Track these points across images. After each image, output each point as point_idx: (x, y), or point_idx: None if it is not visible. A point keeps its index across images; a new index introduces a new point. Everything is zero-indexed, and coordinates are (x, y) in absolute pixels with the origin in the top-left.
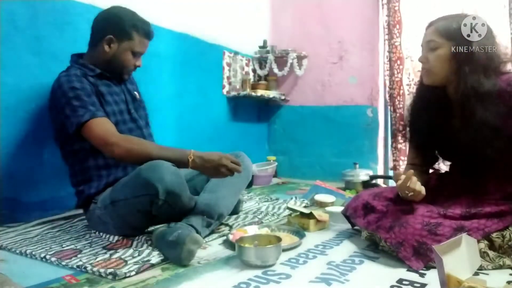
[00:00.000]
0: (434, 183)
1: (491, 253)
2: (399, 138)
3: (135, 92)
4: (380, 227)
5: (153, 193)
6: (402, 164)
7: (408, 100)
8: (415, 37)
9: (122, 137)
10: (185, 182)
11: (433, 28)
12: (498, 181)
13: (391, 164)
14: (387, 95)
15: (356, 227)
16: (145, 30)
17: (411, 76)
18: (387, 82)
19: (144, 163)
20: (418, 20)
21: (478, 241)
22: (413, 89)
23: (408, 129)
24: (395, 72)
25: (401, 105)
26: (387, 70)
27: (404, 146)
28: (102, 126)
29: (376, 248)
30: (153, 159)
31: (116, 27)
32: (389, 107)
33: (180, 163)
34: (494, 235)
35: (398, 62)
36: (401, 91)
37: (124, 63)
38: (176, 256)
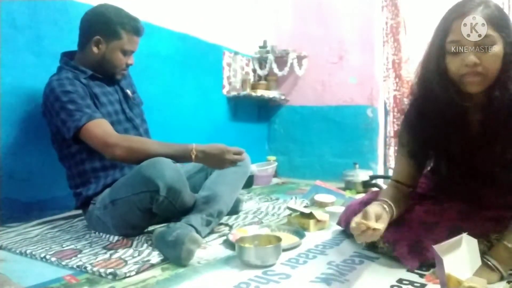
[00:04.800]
0: (427, 188)
1: None
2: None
3: (127, 90)
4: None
5: (154, 189)
6: None
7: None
8: (419, 38)
9: (122, 137)
10: (185, 179)
11: (481, 18)
12: (499, 190)
13: (393, 164)
14: (390, 97)
15: None
16: (134, 27)
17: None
18: (390, 84)
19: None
20: (421, 20)
21: (478, 243)
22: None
23: (400, 137)
24: (402, 74)
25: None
26: (393, 72)
27: None
28: (100, 128)
29: (376, 248)
30: (153, 156)
31: (102, 27)
32: (392, 109)
33: (183, 158)
34: (493, 237)
35: (409, 61)
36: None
37: (114, 63)
38: (176, 256)
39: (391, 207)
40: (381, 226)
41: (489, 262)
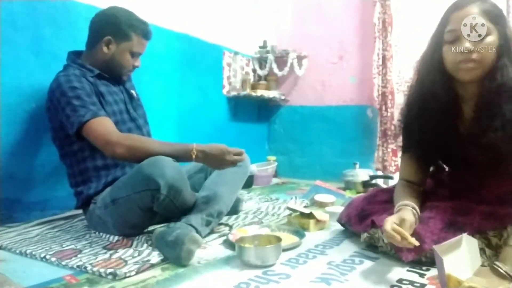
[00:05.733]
0: (429, 186)
1: (488, 251)
2: (391, 138)
3: (132, 91)
4: (381, 218)
5: (155, 188)
6: (393, 164)
7: (399, 99)
8: (407, 34)
9: (123, 136)
10: (186, 177)
11: (477, 10)
12: (495, 180)
13: (379, 165)
14: (380, 95)
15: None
16: (143, 31)
17: (401, 73)
18: (380, 81)
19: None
20: (410, 17)
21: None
22: (404, 87)
23: (402, 137)
24: (388, 71)
25: (392, 104)
26: (382, 68)
27: (394, 146)
28: (103, 126)
29: (376, 248)
30: (154, 155)
31: (114, 28)
32: (381, 106)
33: (183, 158)
34: (491, 234)
35: (392, 60)
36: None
37: (122, 64)
38: (176, 256)
39: (418, 214)
40: (417, 243)
41: (500, 270)
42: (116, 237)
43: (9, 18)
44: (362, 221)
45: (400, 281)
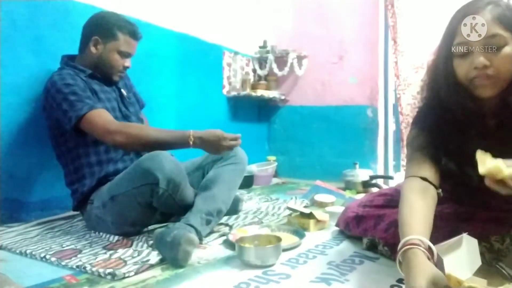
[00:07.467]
0: None
1: (488, 255)
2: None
3: (122, 90)
4: (377, 230)
5: (154, 182)
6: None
7: (404, 98)
8: (410, 34)
9: (122, 125)
10: (184, 171)
11: (489, 17)
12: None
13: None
14: (394, 97)
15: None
16: (130, 30)
17: (402, 72)
18: (392, 84)
19: (146, 147)
20: (420, 19)
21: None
22: (404, 86)
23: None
24: (400, 74)
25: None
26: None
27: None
28: (101, 117)
29: (376, 248)
30: (153, 142)
31: (100, 28)
32: (398, 108)
33: (181, 144)
34: (493, 238)
35: (397, 60)
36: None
37: (111, 63)
38: (173, 257)
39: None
40: None
41: (503, 271)
42: (116, 237)
43: (9, 18)
44: (359, 225)
45: (400, 281)
